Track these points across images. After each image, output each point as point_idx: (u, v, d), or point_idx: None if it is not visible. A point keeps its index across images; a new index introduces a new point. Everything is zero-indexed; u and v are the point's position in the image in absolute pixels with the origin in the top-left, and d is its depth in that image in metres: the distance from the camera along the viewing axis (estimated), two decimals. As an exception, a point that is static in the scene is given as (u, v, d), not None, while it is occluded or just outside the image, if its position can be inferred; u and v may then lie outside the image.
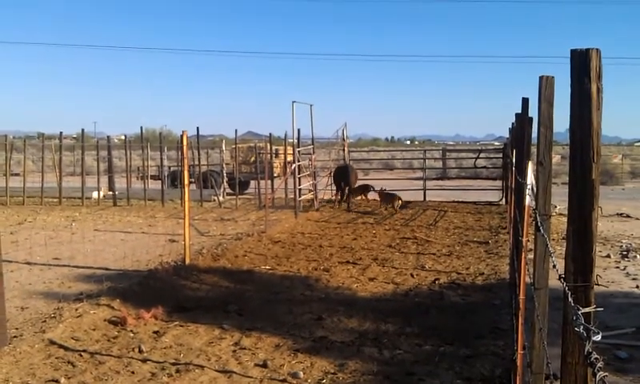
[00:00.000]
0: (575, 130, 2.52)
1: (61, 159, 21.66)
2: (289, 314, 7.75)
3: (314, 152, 20.13)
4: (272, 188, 19.81)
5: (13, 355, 6.16)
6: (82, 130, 23.12)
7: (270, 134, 23.10)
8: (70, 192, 21.41)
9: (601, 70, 2.50)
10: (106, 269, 10.27)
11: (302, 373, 5.70)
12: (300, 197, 18.21)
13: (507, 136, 17.90)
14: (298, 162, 18.49)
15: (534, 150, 4.20)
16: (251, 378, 5.64)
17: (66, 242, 12.95)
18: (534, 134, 4.41)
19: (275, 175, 23.11)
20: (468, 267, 10.42)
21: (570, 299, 2.02)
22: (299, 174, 18.31)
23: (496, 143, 53.03)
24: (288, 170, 19.61)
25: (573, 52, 2.51)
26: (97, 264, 10.67)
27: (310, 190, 19.71)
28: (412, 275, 9.82)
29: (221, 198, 21.18)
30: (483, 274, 9.87)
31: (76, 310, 7.64)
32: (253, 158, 24.97)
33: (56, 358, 6.18)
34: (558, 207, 15.65)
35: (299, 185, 18.13)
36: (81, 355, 6.23)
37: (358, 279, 9.57)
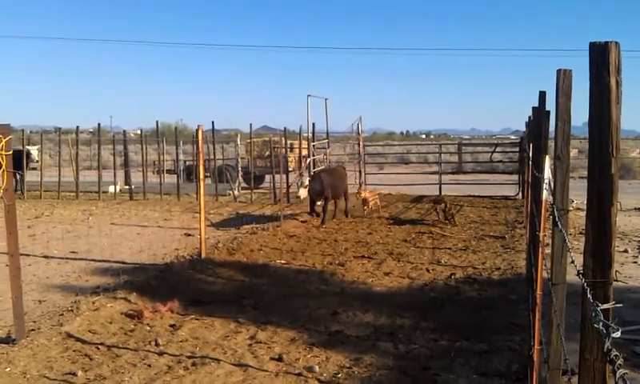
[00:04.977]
0: (594, 125, 2.49)
1: (77, 153, 21.80)
2: (304, 308, 7.76)
3: (328, 146, 20.13)
4: (287, 182, 19.82)
5: (30, 348, 6.23)
6: (99, 124, 23.32)
7: (285, 128, 23.09)
8: (86, 186, 21.55)
9: (620, 64, 2.47)
10: (123, 262, 10.33)
11: (317, 367, 5.71)
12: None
13: (524, 130, 17.79)
14: (313, 156, 18.48)
15: (551, 144, 4.17)
16: (267, 371, 5.66)
17: (82, 235, 13.05)
18: (552, 128, 4.38)
19: (290, 169, 23.12)
20: (484, 262, 10.37)
21: (588, 295, 2.01)
22: (314, 168, 18.29)
23: (512, 137, 52.64)
24: (303, 164, 19.61)
25: (591, 45, 2.48)
26: (113, 258, 10.74)
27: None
28: (428, 270, 9.79)
29: (236, 192, 21.23)
30: (500, 268, 9.82)
31: (93, 303, 7.71)
32: (268, 152, 25.00)
33: (73, 350, 6.24)
34: (576, 202, 15.53)
35: (314, 179, 18.09)
36: (98, 348, 6.29)
37: (374, 274, 9.56)
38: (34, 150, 22.02)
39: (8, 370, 5.73)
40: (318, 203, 15.13)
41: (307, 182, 14.28)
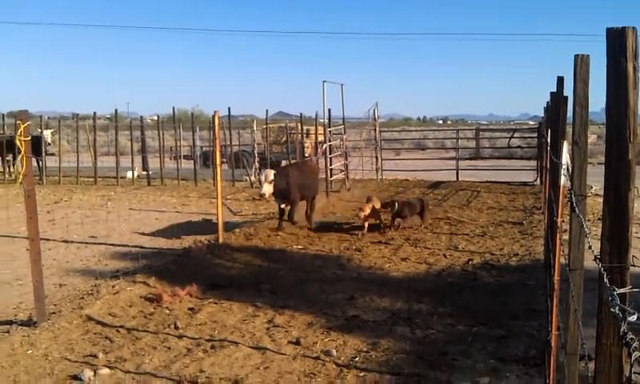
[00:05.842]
0: (611, 110, 2.49)
1: (95, 139, 22.01)
2: (321, 292, 7.81)
3: (345, 132, 20.09)
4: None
5: (52, 331, 6.33)
6: (116, 110, 23.43)
7: (301, 114, 23.10)
8: (104, 172, 21.74)
9: (637, 49, 2.47)
10: (141, 247, 10.45)
11: (334, 351, 5.76)
12: (331, 177, 18.22)
13: (542, 115, 17.64)
14: (329, 142, 18.49)
15: (569, 129, 4.15)
16: (285, 354, 5.72)
17: (101, 220, 13.18)
18: (569, 114, 4.36)
19: (306, 155, 23.13)
20: (502, 248, 10.34)
21: (605, 280, 2.02)
22: (330, 154, 18.31)
23: (531, 122, 52.23)
24: (319, 150, 19.61)
25: (608, 30, 2.48)
26: (132, 242, 10.87)
27: (342, 170, 19.70)
28: (445, 255, 9.79)
29: (252, 178, 21.29)
30: (517, 254, 9.80)
31: (113, 287, 7.81)
32: (284, 139, 25.04)
33: (94, 333, 6.34)
34: (594, 188, 15.40)
35: (330, 165, 18.13)
36: (118, 331, 6.38)
37: (390, 259, 9.58)
38: (47, 133, 22.22)
39: (30, 352, 5.84)
40: (282, 206, 12.14)
41: (272, 177, 11.47)
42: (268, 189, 11.40)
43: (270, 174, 11.50)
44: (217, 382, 5.13)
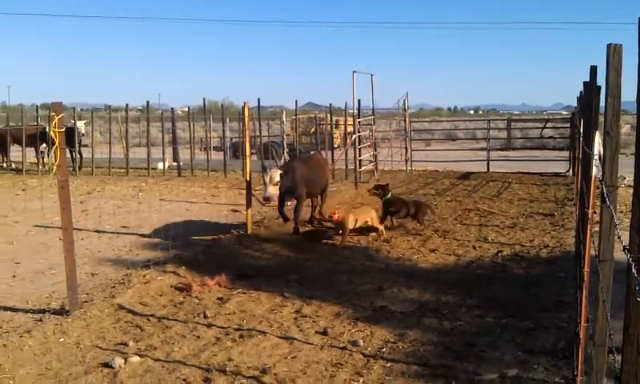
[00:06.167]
0: (643, 99, 2.45)
1: (127, 131, 22.25)
2: (349, 283, 7.81)
3: (374, 123, 20.03)
4: (332, 159, 19.86)
5: (83, 319, 6.43)
6: (147, 101, 23.69)
7: (330, 104, 23.06)
8: (136, 163, 21.99)
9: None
10: (172, 238, 10.53)
11: (362, 341, 5.77)
12: (360, 168, 18.19)
13: (575, 105, 17.38)
14: (359, 132, 18.44)
15: (602, 119, 4.09)
16: (312, 344, 5.74)
17: (133, 211, 13.35)
18: (603, 104, 4.29)
19: (335, 146, 23.12)
20: (532, 239, 10.23)
21: (633, 270, 2.00)
22: (359, 144, 18.26)
23: (564, 112, 51.46)
24: (348, 140, 19.59)
25: (641, 19, 2.44)
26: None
27: (371, 161, 19.66)
28: (474, 247, 9.72)
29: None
30: (548, 246, 9.68)
31: (143, 276, 7.91)
32: (313, 129, 25.06)
33: (125, 322, 6.43)
34: (627, 179, 15.14)
35: (359, 156, 18.10)
36: (148, 320, 6.47)
37: (419, 250, 9.54)
38: (80, 124, 22.54)
39: (62, 340, 5.94)
40: (289, 204, 11.30)
41: (278, 178, 10.37)
42: (273, 192, 10.37)
43: (276, 174, 10.37)
44: (245, 370, 5.17)
